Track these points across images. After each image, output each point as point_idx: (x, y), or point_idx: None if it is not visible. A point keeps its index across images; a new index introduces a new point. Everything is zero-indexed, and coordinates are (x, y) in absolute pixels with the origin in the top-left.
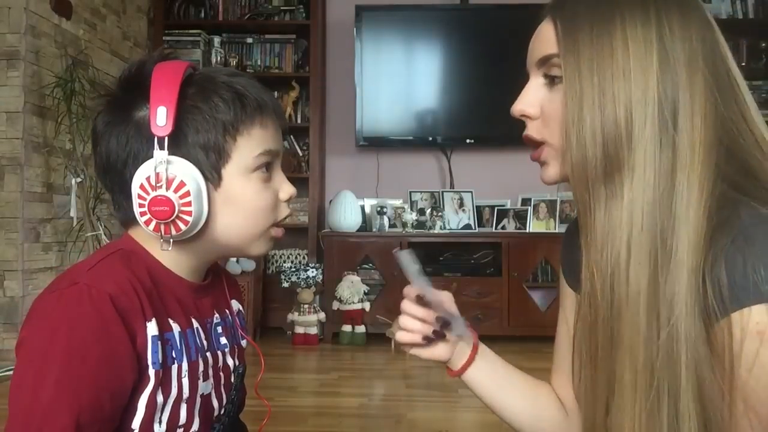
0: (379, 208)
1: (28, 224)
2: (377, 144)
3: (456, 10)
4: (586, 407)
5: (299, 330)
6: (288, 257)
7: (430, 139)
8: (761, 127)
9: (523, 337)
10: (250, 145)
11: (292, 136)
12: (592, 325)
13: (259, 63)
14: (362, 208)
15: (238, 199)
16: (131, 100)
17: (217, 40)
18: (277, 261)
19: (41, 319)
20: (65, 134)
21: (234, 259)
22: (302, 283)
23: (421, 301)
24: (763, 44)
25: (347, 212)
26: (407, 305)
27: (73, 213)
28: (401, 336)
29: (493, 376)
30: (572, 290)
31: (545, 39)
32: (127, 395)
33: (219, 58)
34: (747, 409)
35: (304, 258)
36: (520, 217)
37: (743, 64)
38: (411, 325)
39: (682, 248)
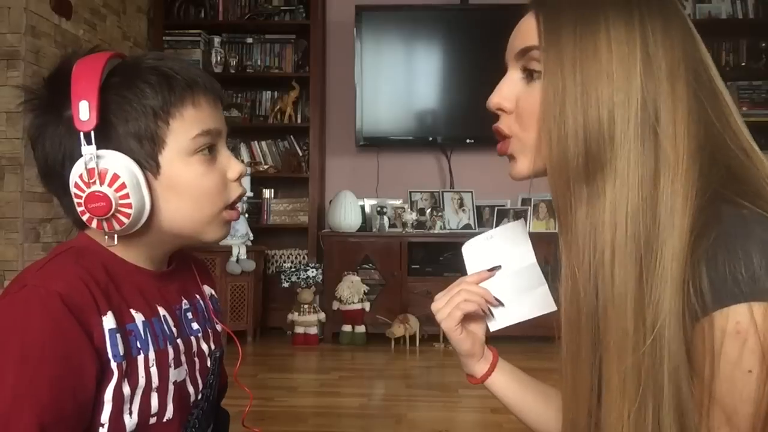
0: (379, 208)
1: (28, 224)
2: (377, 144)
3: (456, 10)
4: (567, 406)
5: (299, 330)
6: (288, 257)
7: (430, 139)
8: (744, 131)
9: (523, 337)
10: (184, 128)
11: (292, 136)
12: (574, 325)
13: (259, 63)
14: (362, 208)
15: (181, 185)
16: (58, 100)
17: (217, 40)
18: (277, 261)
19: None
20: None
21: (234, 259)
22: (302, 283)
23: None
24: (763, 44)
25: (347, 212)
26: (468, 282)
27: None
28: (465, 306)
29: (515, 385)
30: None
31: (526, 32)
32: (91, 391)
33: (219, 58)
34: (722, 416)
35: (304, 258)
36: (520, 217)
37: (743, 64)
38: (472, 296)
39: (667, 255)
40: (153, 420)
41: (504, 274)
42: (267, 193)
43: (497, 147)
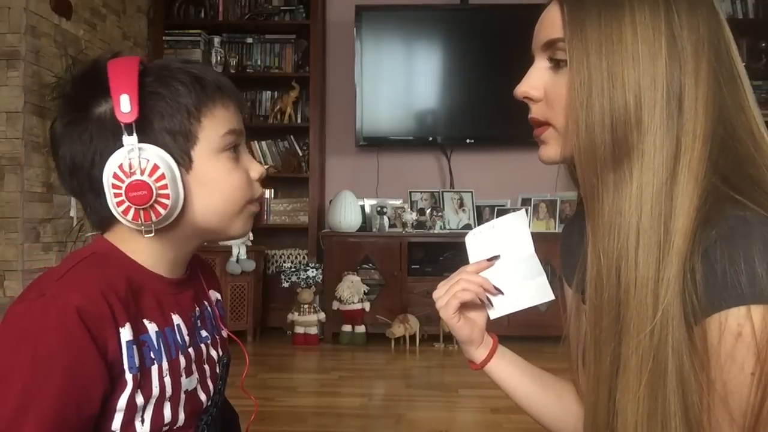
0: (379, 208)
1: (28, 224)
2: (377, 144)
3: (456, 10)
4: (589, 390)
5: (299, 330)
6: (288, 257)
7: (430, 139)
8: (758, 117)
9: (523, 337)
10: (215, 125)
11: (292, 136)
12: (597, 309)
13: (259, 63)
14: (362, 208)
15: (212, 180)
16: (89, 98)
17: (217, 40)
18: (277, 261)
19: (7, 330)
20: None
21: (234, 259)
22: (302, 283)
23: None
24: (763, 44)
25: (347, 212)
26: (468, 272)
27: (73, 213)
28: (462, 295)
29: (514, 371)
30: (568, 285)
31: (551, 23)
32: (96, 405)
33: (219, 58)
34: (723, 409)
35: (304, 258)
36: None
37: (743, 64)
38: (470, 285)
39: (678, 236)
40: (165, 429)
41: (504, 264)
42: (267, 193)
43: (534, 132)
